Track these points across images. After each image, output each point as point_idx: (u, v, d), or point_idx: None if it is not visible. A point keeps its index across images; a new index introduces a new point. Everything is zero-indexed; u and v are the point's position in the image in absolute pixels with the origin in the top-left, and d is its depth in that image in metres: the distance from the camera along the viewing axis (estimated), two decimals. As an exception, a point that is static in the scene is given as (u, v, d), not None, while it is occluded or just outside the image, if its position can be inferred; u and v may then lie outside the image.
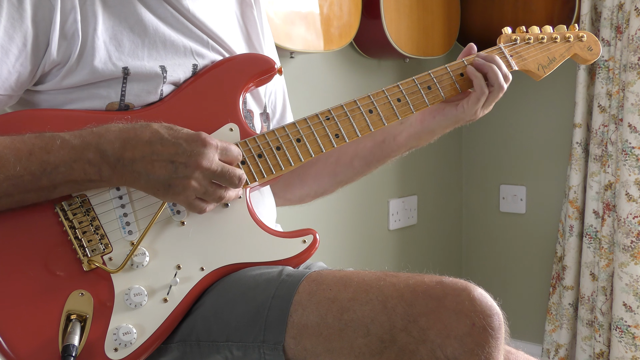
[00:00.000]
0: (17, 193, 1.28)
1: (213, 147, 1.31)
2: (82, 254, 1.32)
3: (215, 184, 1.33)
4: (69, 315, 1.29)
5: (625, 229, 3.04)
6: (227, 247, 1.39)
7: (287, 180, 1.74)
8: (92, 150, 1.28)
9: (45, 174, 1.28)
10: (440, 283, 1.25)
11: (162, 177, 1.29)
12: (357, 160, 1.71)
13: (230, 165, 1.33)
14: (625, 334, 3.06)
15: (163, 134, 1.30)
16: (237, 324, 1.31)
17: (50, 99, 1.40)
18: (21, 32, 1.34)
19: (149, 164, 1.28)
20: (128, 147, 1.28)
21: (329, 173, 1.74)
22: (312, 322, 1.27)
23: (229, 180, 1.33)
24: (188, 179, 1.29)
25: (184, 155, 1.29)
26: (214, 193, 1.33)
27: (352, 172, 1.73)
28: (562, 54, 1.73)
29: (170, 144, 1.29)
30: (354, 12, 2.84)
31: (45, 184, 1.29)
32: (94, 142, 1.29)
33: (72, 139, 1.29)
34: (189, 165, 1.29)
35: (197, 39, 1.49)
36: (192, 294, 1.35)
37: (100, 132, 1.30)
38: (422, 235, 3.60)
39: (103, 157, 1.28)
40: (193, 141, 1.30)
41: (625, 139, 3.02)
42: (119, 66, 1.39)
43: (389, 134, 1.67)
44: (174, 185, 1.29)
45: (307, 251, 1.41)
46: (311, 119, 1.48)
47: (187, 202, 1.33)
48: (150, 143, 1.29)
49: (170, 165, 1.29)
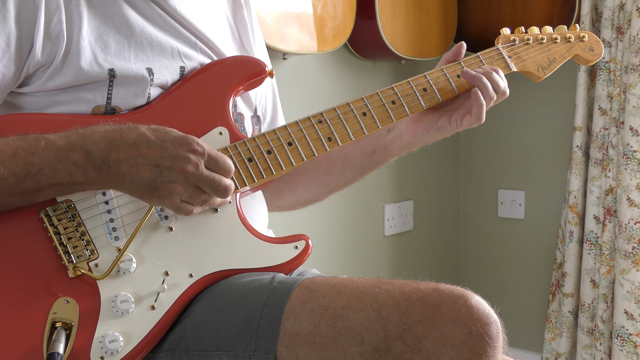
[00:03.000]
0: (1, 196, 1.28)
1: (199, 153, 1.30)
2: (68, 260, 1.32)
3: (200, 189, 1.32)
4: (54, 323, 1.29)
5: (626, 234, 3.04)
6: (217, 253, 1.39)
7: (276, 188, 1.74)
8: (77, 151, 1.28)
9: (29, 176, 1.28)
10: (437, 290, 1.25)
11: (147, 181, 1.28)
12: (348, 170, 1.71)
13: (216, 174, 1.32)
14: (626, 343, 3.06)
15: (149, 136, 1.29)
16: (228, 333, 1.31)
17: (34, 101, 1.40)
18: (4, 33, 1.34)
19: (134, 166, 1.28)
20: (113, 149, 1.28)
21: (319, 182, 1.74)
22: (305, 330, 1.27)
23: (214, 188, 1.32)
24: (173, 183, 1.29)
25: (169, 159, 1.28)
26: (198, 197, 1.32)
27: (343, 181, 1.74)
28: (562, 55, 1.73)
29: (156, 147, 1.29)
30: (348, 12, 2.84)
31: (30, 187, 1.29)
32: (79, 143, 1.29)
33: (57, 140, 1.29)
34: (174, 169, 1.28)
35: (184, 40, 1.49)
36: (180, 301, 1.35)
37: (86, 133, 1.30)
38: (418, 241, 3.60)
39: (89, 158, 1.28)
40: (180, 145, 1.29)
41: (626, 143, 3.02)
42: (104, 67, 1.38)
43: (379, 144, 1.68)
44: (158, 188, 1.29)
45: (299, 257, 1.41)
46: (303, 122, 1.47)
47: (173, 206, 1.32)
48: (136, 145, 1.28)
49: (154, 168, 1.28)
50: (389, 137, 1.66)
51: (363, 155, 1.69)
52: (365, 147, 1.67)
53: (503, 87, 1.59)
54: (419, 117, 1.62)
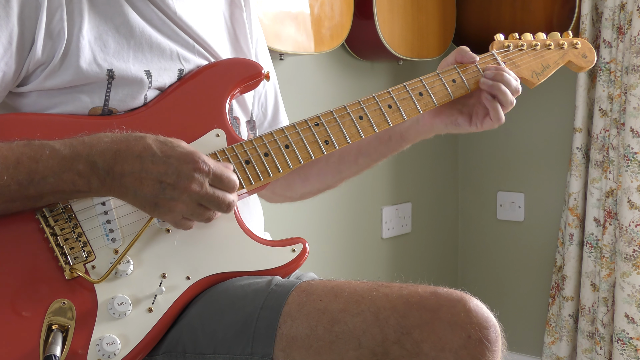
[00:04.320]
0: (3, 202, 1.28)
1: (204, 172, 1.30)
2: (64, 262, 1.32)
3: (203, 206, 1.32)
4: (51, 325, 1.29)
5: (627, 237, 3.05)
6: (214, 256, 1.39)
7: (288, 180, 1.75)
8: (82, 162, 1.28)
9: (32, 184, 1.28)
10: (435, 294, 1.26)
11: (149, 196, 1.29)
12: (362, 158, 1.72)
13: (220, 190, 1.32)
14: (627, 347, 3.07)
15: (155, 150, 1.29)
16: (225, 336, 1.32)
17: (31, 103, 1.40)
18: (7, 30, 1.34)
19: (137, 180, 1.28)
20: (119, 160, 1.28)
21: (332, 171, 1.74)
22: (302, 334, 1.28)
23: (218, 206, 1.32)
24: (175, 200, 1.29)
25: (173, 176, 1.28)
26: (201, 215, 1.32)
27: (356, 168, 1.74)
28: (555, 61, 1.75)
29: (160, 162, 1.28)
30: (345, 13, 2.85)
31: (32, 194, 1.29)
32: (84, 153, 1.29)
33: (63, 149, 1.29)
34: (177, 187, 1.28)
35: (183, 43, 1.50)
36: (178, 303, 1.35)
37: (91, 143, 1.30)
38: (416, 244, 3.60)
39: (93, 169, 1.28)
40: (185, 162, 1.29)
41: (627, 144, 3.03)
42: (103, 67, 1.39)
43: (395, 131, 1.68)
44: (160, 204, 1.29)
45: (296, 260, 1.42)
46: (299, 125, 1.48)
47: (173, 221, 1.33)
48: (141, 158, 1.28)
49: (158, 185, 1.28)
50: (406, 124, 1.67)
51: (378, 144, 1.70)
52: (380, 134, 1.66)
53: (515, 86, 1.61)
54: (439, 111, 1.64)
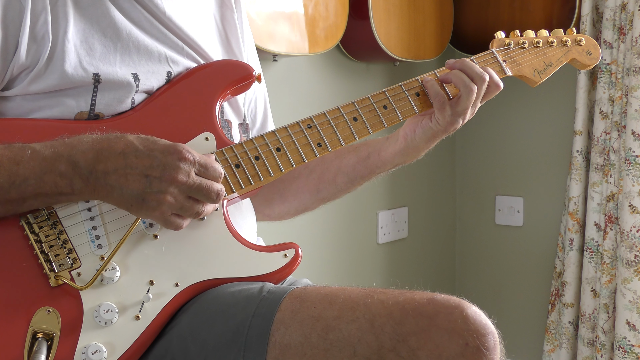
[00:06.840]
0: None
1: (190, 161, 1.30)
2: (49, 269, 1.31)
3: (192, 198, 1.32)
4: (35, 334, 1.28)
5: (628, 242, 3.05)
6: (204, 262, 1.39)
7: (267, 196, 1.74)
8: (63, 162, 1.28)
9: (14, 187, 1.28)
10: (432, 300, 1.25)
11: (136, 191, 1.28)
12: (341, 177, 1.71)
13: (207, 180, 1.33)
14: (628, 354, 3.07)
15: (137, 145, 1.29)
16: (216, 344, 1.31)
17: (16, 107, 1.39)
18: None
19: (122, 177, 1.28)
20: (101, 159, 1.28)
21: (311, 189, 1.74)
22: (295, 342, 1.27)
23: (206, 195, 1.32)
24: (163, 193, 1.29)
25: (159, 169, 1.28)
26: (190, 208, 1.32)
27: (334, 189, 1.73)
28: (559, 59, 1.74)
29: (144, 156, 1.29)
30: (340, 13, 2.85)
31: (14, 197, 1.28)
32: (65, 153, 1.28)
33: (43, 150, 1.29)
34: (164, 179, 1.28)
35: (171, 44, 1.49)
36: (166, 311, 1.35)
37: (72, 143, 1.30)
38: (412, 249, 3.60)
39: (75, 169, 1.28)
40: (169, 153, 1.29)
41: (628, 147, 3.03)
42: (89, 71, 1.38)
43: (373, 149, 1.67)
44: (148, 200, 1.29)
45: (288, 266, 1.41)
46: (292, 127, 1.48)
47: (162, 219, 1.32)
48: (124, 155, 1.28)
49: (144, 179, 1.28)
50: (385, 143, 1.66)
51: (356, 161, 1.68)
52: (360, 152, 1.67)
53: (479, 72, 1.57)
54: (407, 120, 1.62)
